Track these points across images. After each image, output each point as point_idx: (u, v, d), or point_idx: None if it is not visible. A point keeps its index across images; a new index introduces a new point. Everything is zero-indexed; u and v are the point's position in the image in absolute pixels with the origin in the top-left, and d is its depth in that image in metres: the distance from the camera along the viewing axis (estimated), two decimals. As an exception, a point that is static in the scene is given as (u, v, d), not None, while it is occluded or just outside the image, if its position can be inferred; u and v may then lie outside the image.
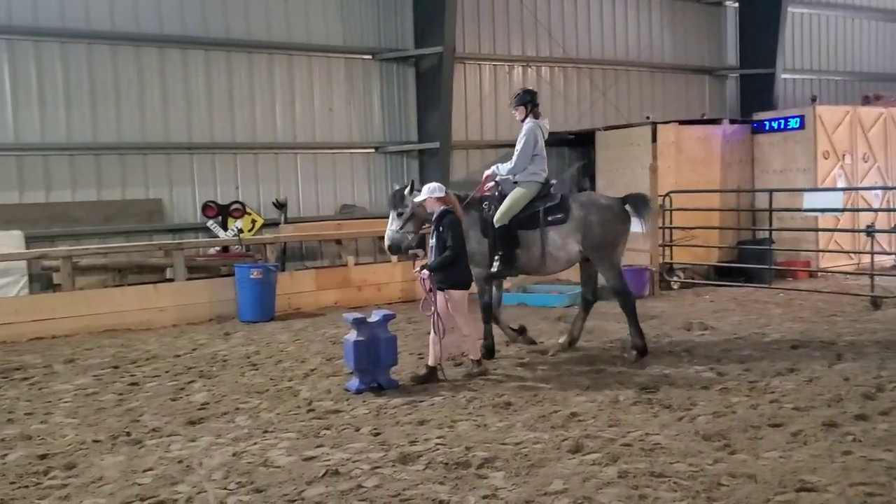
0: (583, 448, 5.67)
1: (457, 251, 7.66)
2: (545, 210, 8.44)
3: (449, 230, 7.66)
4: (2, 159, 13.13)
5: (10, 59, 13.09)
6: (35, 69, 13.28)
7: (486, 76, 17.70)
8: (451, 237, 7.63)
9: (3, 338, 10.57)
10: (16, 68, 13.14)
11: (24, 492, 5.19)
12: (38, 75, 13.30)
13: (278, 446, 5.95)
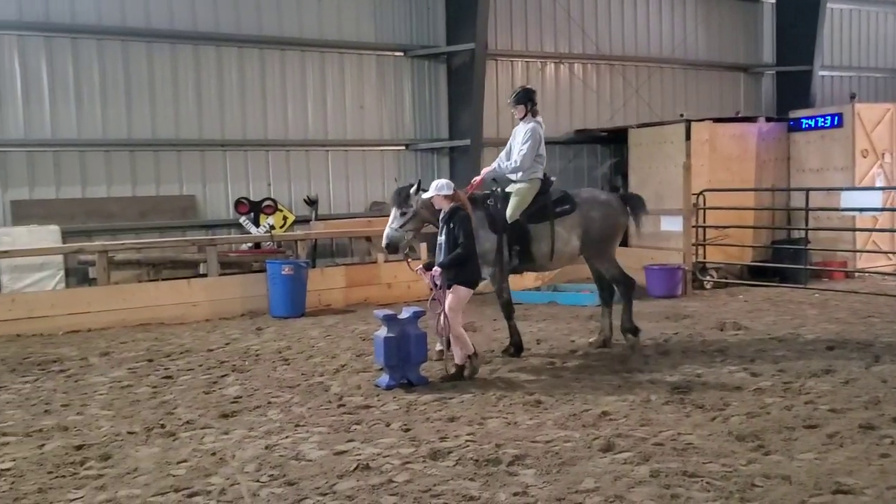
0: (614, 447, 5.63)
1: (469, 248, 7.59)
2: (553, 202, 8.67)
3: (460, 227, 7.57)
4: (40, 155, 13.35)
5: (48, 55, 13.30)
6: (72, 66, 13.47)
7: (518, 73, 17.64)
8: (462, 234, 7.54)
9: (40, 330, 10.76)
10: (53, 65, 13.35)
11: (61, 481, 5.27)
12: (74, 72, 13.50)
13: (310, 440, 5.99)
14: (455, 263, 7.55)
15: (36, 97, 13.24)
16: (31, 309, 10.91)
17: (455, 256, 7.54)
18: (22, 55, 13.11)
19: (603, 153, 18.84)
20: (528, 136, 8.53)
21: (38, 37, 13.18)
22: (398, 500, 4.79)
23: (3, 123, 13.03)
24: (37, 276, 12.52)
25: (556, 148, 18.24)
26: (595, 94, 18.50)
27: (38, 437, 6.24)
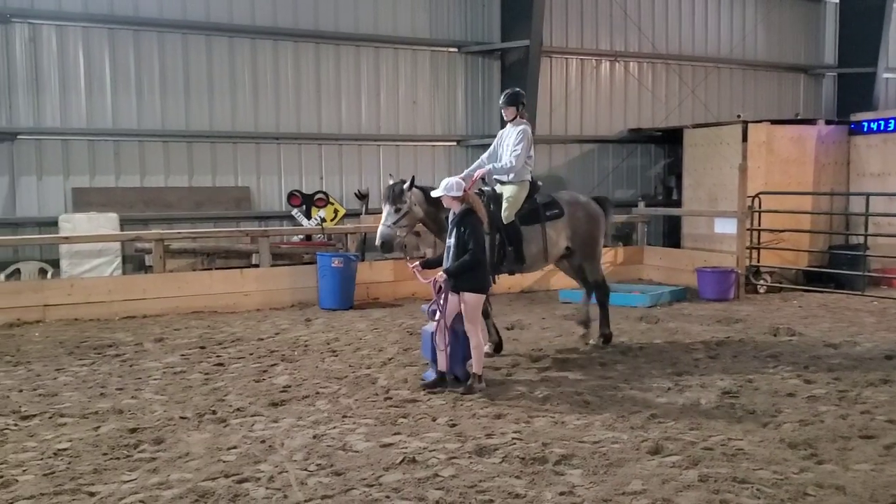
0: (662, 450, 5.57)
1: (478, 255, 7.19)
2: (544, 206, 8.63)
3: (472, 232, 7.15)
4: (101, 144, 13.69)
5: (111, 47, 13.63)
6: (133, 58, 13.79)
7: (572, 70, 17.53)
8: (473, 240, 7.12)
9: (97, 315, 11.04)
10: (115, 57, 13.67)
11: (115, 463, 5.41)
12: (136, 64, 13.81)
13: (356, 431, 6.04)
14: (462, 270, 7.14)
15: (98, 88, 13.59)
16: (89, 294, 11.20)
17: (463, 263, 7.11)
18: (86, 47, 13.46)
19: (657, 153, 18.66)
20: (520, 137, 8.43)
21: (101, 28, 13.52)
22: (444, 495, 4.80)
23: (66, 112, 13.40)
24: (95, 263, 12.87)
25: (610, 147, 18.15)
26: (650, 93, 18.30)
27: (94, 419, 6.41)
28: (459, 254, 7.17)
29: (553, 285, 13.63)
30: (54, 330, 10.30)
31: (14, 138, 13.09)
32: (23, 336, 9.91)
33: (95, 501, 4.76)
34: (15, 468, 5.31)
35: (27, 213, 13.23)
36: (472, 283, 7.18)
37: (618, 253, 14.75)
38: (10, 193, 13.15)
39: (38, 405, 6.83)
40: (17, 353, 8.96)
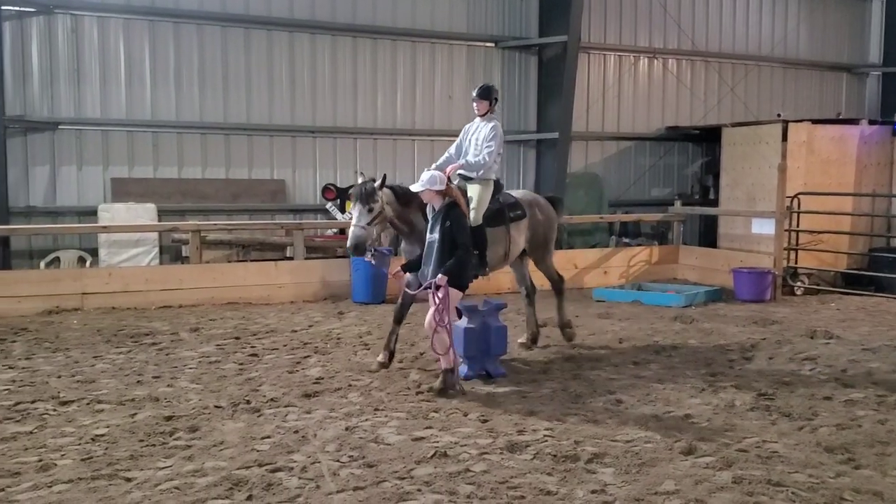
0: (696, 451, 5.51)
1: (469, 249, 7.04)
2: (507, 206, 8.36)
3: (459, 226, 6.95)
4: (140, 135, 13.87)
5: (151, 39, 13.79)
6: (173, 50, 13.94)
7: (610, 67, 17.40)
8: (462, 234, 6.94)
9: (134, 304, 11.20)
10: (155, 49, 13.83)
11: (151, 449, 5.49)
12: (175, 56, 13.96)
13: (388, 424, 6.06)
14: (461, 266, 6.93)
15: (138, 79, 13.76)
16: (127, 283, 11.36)
17: (459, 259, 6.90)
18: (127, 38, 13.64)
19: (694, 151, 18.47)
20: (492, 134, 8.12)
21: (142, 21, 13.69)
22: (475, 490, 4.80)
23: (106, 103, 13.59)
24: (133, 252, 13.06)
25: (647, 144, 18.00)
26: (689, 90, 18.10)
27: (131, 406, 6.51)
28: (444, 250, 6.90)
29: (586, 283, 13.56)
30: (92, 318, 10.47)
31: (55, 128, 13.32)
32: (62, 323, 10.09)
33: (132, 487, 4.83)
34: (54, 452, 5.41)
35: (67, 203, 13.45)
36: (456, 278, 6.91)
37: (653, 252, 14.61)
38: (50, 183, 13.38)
39: (76, 391, 6.95)
40: (57, 339, 9.12)
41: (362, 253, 7.64)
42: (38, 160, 13.30)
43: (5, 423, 6.04)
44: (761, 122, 15.55)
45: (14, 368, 7.77)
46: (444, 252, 6.91)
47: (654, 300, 12.03)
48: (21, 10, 12.96)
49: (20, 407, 6.46)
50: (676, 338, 9.45)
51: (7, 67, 12.77)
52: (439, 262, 6.92)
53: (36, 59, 13.15)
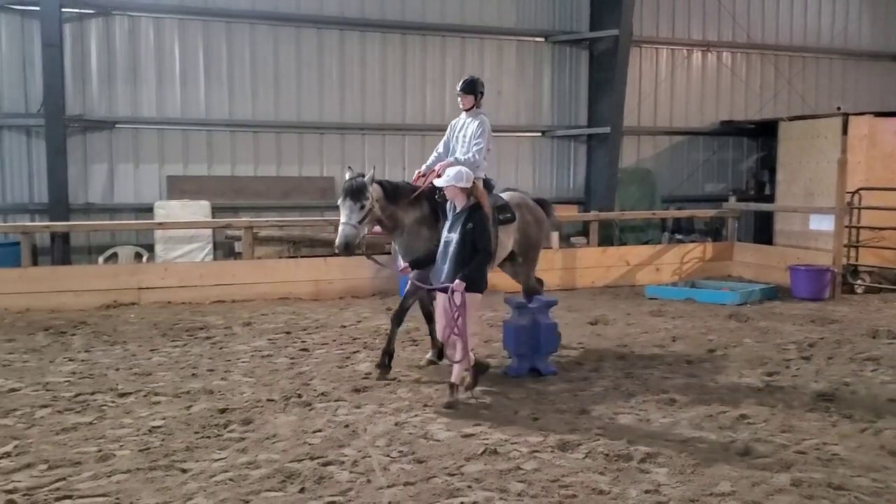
0: (752, 452, 5.40)
1: (490, 254, 6.75)
2: (497, 209, 7.71)
3: (481, 229, 6.57)
4: (194, 134, 14.12)
5: (205, 39, 14.03)
6: (226, 49, 14.15)
7: (662, 61, 17.15)
8: (483, 238, 6.59)
9: (189, 299, 11.40)
10: (209, 48, 14.06)
11: (206, 441, 5.57)
12: (228, 55, 14.17)
13: (437, 421, 6.06)
14: (479, 270, 6.58)
15: (192, 79, 14.01)
16: (182, 278, 11.57)
17: (479, 263, 6.55)
18: (182, 38, 13.89)
19: (749, 146, 18.12)
20: (480, 130, 7.70)
21: (196, 21, 13.93)
22: (526, 488, 4.77)
23: (162, 103, 13.87)
24: (187, 248, 13.30)
25: (700, 139, 17.72)
26: (744, 84, 17.75)
27: (186, 399, 6.62)
28: (465, 251, 6.51)
29: (638, 280, 13.38)
30: (149, 312, 10.69)
31: (113, 127, 13.64)
32: (119, 317, 10.32)
33: (187, 478, 4.91)
34: (113, 443, 5.53)
35: (124, 200, 13.77)
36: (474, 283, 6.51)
37: (706, 249, 14.35)
38: (108, 180, 13.70)
39: (133, 383, 7.10)
40: (114, 333, 9.33)
41: (352, 252, 7.24)
42: (96, 158, 13.64)
43: (66, 414, 6.19)
44: (820, 115, 15.17)
45: (74, 361, 7.96)
46: (463, 254, 6.49)
47: (707, 298, 11.81)
48: (80, 11, 13.28)
49: (80, 398, 6.62)
50: (731, 336, 9.26)
51: (67, 68, 13.11)
52: (456, 264, 6.50)
53: (95, 59, 13.48)
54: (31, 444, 5.49)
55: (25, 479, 4.89)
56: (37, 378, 7.27)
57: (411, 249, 7.40)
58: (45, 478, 4.91)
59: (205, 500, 4.58)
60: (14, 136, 13.20)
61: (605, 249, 13.83)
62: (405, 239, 7.49)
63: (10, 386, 7.00)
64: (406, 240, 7.49)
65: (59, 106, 12.68)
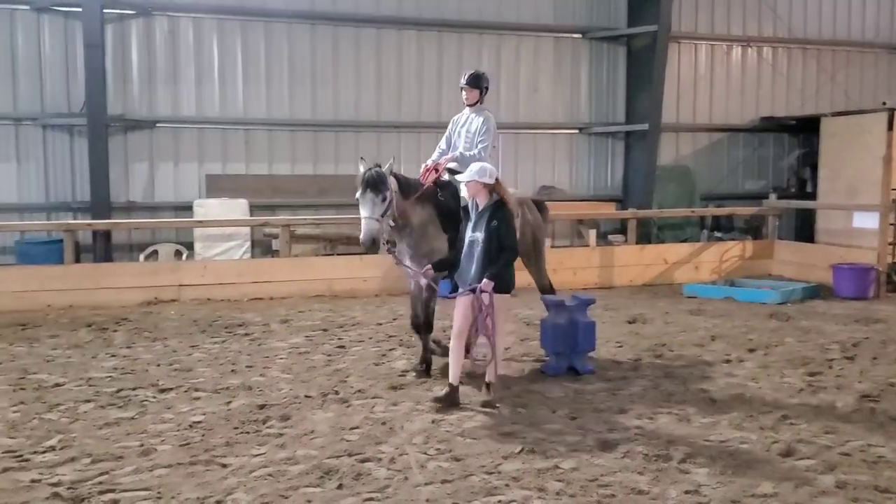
0: (795, 452, 5.32)
1: (517, 251, 6.50)
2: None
3: (507, 227, 6.33)
4: (232, 133, 14.26)
5: (243, 38, 14.15)
6: (264, 49, 14.27)
7: (701, 56, 16.94)
8: (509, 235, 6.34)
9: (227, 296, 11.52)
10: (247, 48, 14.19)
11: (245, 437, 5.63)
12: (266, 55, 14.29)
13: (474, 419, 6.04)
14: (506, 270, 6.38)
15: (231, 78, 14.15)
16: (221, 276, 11.70)
17: (507, 261, 6.33)
18: (220, 38, 14.03)
19: (790, 143, 17.82)
20: (485, 127, 7.52)
21: (234, 21, 14.06)
22: (564, 487, 4.74)
23: (201, 102, 14.03)
24: (226, 246, 13.44)
25: (740, 136, 17.48)
26: (785, 79, 17.46)
27: (226, 395, 6.69)
28: (491, 250, 6.27)
29: (677, 279, 13.24)
30: (188, 308, 10.82)
31: (154, 126, 13.83)
32: (160, 314, 10.46)
33: (227, 473, 4.96)
34: (154, 438, 5.61)
35: (164, 198, 13.95)
36: (502, 282, 6.35)
37: (746, 247, 14.13)
38: (149, 179, 13.90)
39: (174, 379, 7.19)
40: (155, 329, 9.46)
41: (377, 249, 6.92)
42: (137, 157, 13.84)
43: (109, 409, 6.29)
44: (864, 111, 14.86)
45: (116, 356, 8.09)
46: (490, 254, 6.26)
47: (747, 297, 11.63)
48: (121, 12, 13.48)
49: (122, 393, 6.72)
50: (772, 336, 9.12)
51: (109, 68, 13.30)
52: (483, 264, 6.29)
53: (135, 59, 13.68)
54: (75, 439, 5.59)
55: (69, 472, 4.98)
56: (80, 373, 7.40)
57: (418, 250, 7.20)
58: (88, 471, 4.99)
59: (244, 496, 4.62)
60: (57, 135, 13.44)
61: (643, 247, 13.70)
62: (414, 238, 7.20)
63: (54, 381, 7.13)
64: (414, 239, 7.20)
65: (101, 106, 12.88)
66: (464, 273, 6.45)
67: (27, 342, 8.73)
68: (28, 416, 6.08)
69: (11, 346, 8.57)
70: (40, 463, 5.13)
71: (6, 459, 5.18)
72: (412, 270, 7.21)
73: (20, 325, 9.61)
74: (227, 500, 4.57)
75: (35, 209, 13.37)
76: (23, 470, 5.01)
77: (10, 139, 13.23)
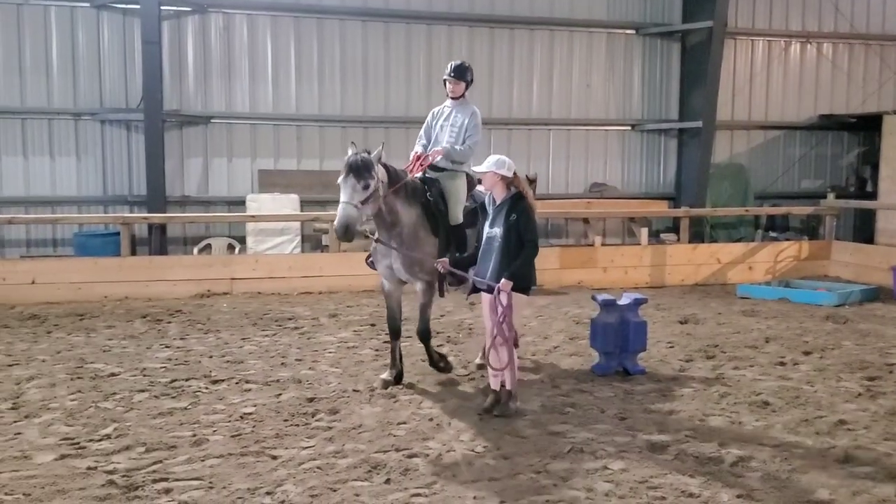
0: (852, 459, 5.17)
1: (537, 247, 6.09)
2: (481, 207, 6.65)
3: (527, 221, 6.01)
4: (285, 129, 14.42)
5: (296, 35, 14.30)
6: (316, 45, 14.39)
7: (758, 53, 16.60)
8: (529, 229, 6.00)
9: (278, 290, 11.66)
10: (300, 44, 14.33)
11: (294, 429, 5.69)
12: (318, 51, 14.41)
13: (523, 417, 6.00)
14: (527, 266, 6.08)
15: (283, 74, 14.31)
16: (272, 270, 11.84)
17: (527, 257, 6.03)
18: (273, 35, 14.20)
19: (850, 141, 17.38)
20: (473, 123, 7.17)
21: (288, 17, 14.21)
22: (613, 488, 4.68)
23: (255, 98, 14.21)
24: (277, 241, 13.60)
25: (797, 133, 17.11)
26: (845, 76, 17.01)
27: (276, 387, 6.77)
28: (510, 246, 6.00)
29: (730, 279, 13.00)
30: (240, 302, 10.98)
31: (208, 122, 14.05)
32: (212, 306, 10.63)
33: (277, 464, 5.02)
34: (206, 428, 5.70)
35: (218, 193, 14.18)
36: (523, 281, 6.06)
37: (802, 247, 13.81)
38: (203, 173, 14.14)
39: (226, 371, 7.31)
40: (208, 322, 9.62)
41: (350, 238, 6.46)
42: (192, 152, 14.09)
43: (162, 399, 6.42)
44: (928, 108, 14.42)
45: (170, 348, 8.25)
46: (509, 250, 6.00)
47: (803, 298, 11.36)
48: (178, 9, 13.73)
49: (176, 384, 6.85)
50: (828, 338, 8.89)
51: (165, 64, 13.55)
52: (501, 261, 6.02)
53: (191, 56, 13.92)
54: (130, 428, 5.70)
55: (124, 460, 5.08)
56: (135, 363, 7.56)
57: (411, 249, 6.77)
58: (142, 460, 5.09)
59: (294, 487, 4.67)
60: (115, 130, 13.75)
61: (695, 246, 13.48)
62: (405, 241, 6.78)
63: (110, 371, 7.29)
64: (406, 242, 6.77)
65: (158, 101, 13.12)
66: (481, 271, 6.18)
67: (84, 332, 8.96)
68: (85, 405, 6.24)
69: (70, 335, 8.80)
70: (96, 451, 5.25)
71: (64, 446, 5.32)
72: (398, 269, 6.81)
73: (78, 316, 9.86)
74: (277, 491, 4.62)
75: (93, 202, 13.71)
76: (79, 457, 5.14)
77: (71, 134, 13.57)
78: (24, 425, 5.75)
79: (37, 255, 13.19)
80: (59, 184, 13.56)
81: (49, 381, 6.93)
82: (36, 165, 13.46)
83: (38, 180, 13.46)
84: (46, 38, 13.31)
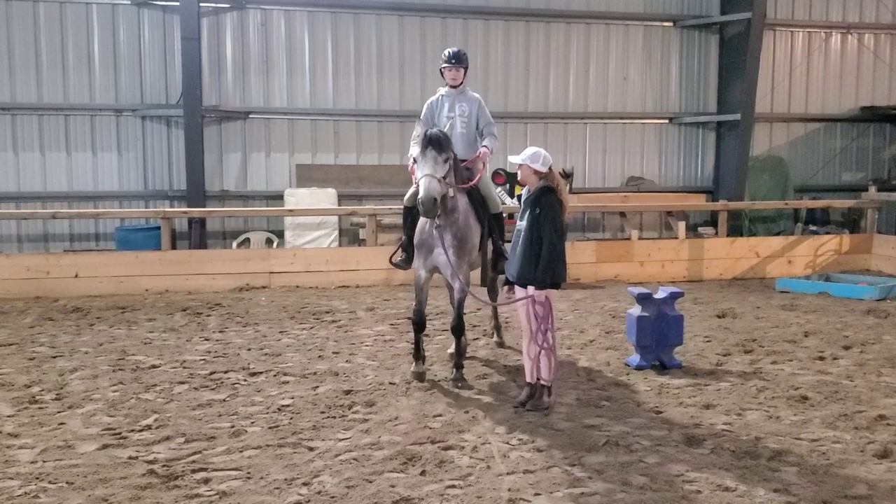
0: (892, 454, 5.12)
1: (556, 243, 5.82)
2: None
3: (548, 215, 5.81)
4: (322, 123, 14.54)
5: (333, 30, 14.40)
6: (353, 40, 14.48)
7: (798, 44, 16.34)
8: (548, 224, 5.80)
9: (316, 283, 11.79)
10: (337, 40, 14.43)
11: (331, 421, 5.76)
12: (355, 46, 14.50)
13: (558, 411, 6.02)
14: (556, 260, 5.86)
15: (321, 70, 14.42)
16: (309, 263, 11.97)
17: (550, 261, 5.80)
18: (311, 30, 14.31)
19: (892, 133, 17.02)
20: (483, 109, 7.15)
21: (325, 12, 14.32)
22: (648, 482, 4.68)
23: (292, 93, 14.35)
24: (315, 235, 13.74)
25: (838, 126, 16.82)
26: (888, 67, 16.67)
27: (313, 380, 6.86)
28: (532, 242, 5.85)
29: (769, 273, 12.85)
30: (278, 295, 11.12)
31: (247, 117, 14.22)
32: (251, 300, 10.79)
33: (314, 456, 5.09)
34: (244, 420, 5.80)
35: (256, 187, 14.36)
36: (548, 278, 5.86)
37: (843, 241, 13.59)
38: (242, 168, 14.32)
39: (264, 363, 7.42)
40: (247, 315, 9.76)
41: (435, 213, 6.13)
42: (231, 147, 14.27)
43: (202, 391, 6.54)
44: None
45: (209, 340, 8.39)
46: (531, 244, 5.85)
47: (843, 292, 11.19)
48: (217, 6, 13.90)
49: (215, 376, 6.98)
50: (869, 333, 8.76)
51: (205, 61, 13.75)
52: (524, 257, 5.90)
53: (230, 52, 14.09)
54: (170, 419, 5.83)
55: (164, 451, 5.20)
56: (175, 356, 7.71)
57: (464, 243, 6.63)
58: (182, 450, 5.20)
59: (330, 478, 4.74)
60: (155, 126, 13.98)
61: (733, 240, 13.34)
62: (459, 228, 6.58)
63: (151, 363, 7.45)
64: (460, 229, 6.59)
65: (197, 97, 13.31)
66: (510, 265, 6.12)
67: (126, 325, 9.15)
68: (126, 396, 6.38)
69: (112, 328, 8.99)
70: (137, 441, 5.37)
71: (106, 437, 5.45)
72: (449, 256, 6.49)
73: (120, 309, 10.07)
74: (314, 482, 4.69)
75: (134, 197, 13.97)
76: (121, 447, 5.26)
77: (112, 130, 13.83)
78: (67, 416, 5.91)
79: (80, 249, 13.48)
80: (101, 179, 13.83)
81: (91, 372, 7.10)
82: (79, 161, 13.74)
83: (80, 175, 13.75)
84: (88, 36, 13.57)
